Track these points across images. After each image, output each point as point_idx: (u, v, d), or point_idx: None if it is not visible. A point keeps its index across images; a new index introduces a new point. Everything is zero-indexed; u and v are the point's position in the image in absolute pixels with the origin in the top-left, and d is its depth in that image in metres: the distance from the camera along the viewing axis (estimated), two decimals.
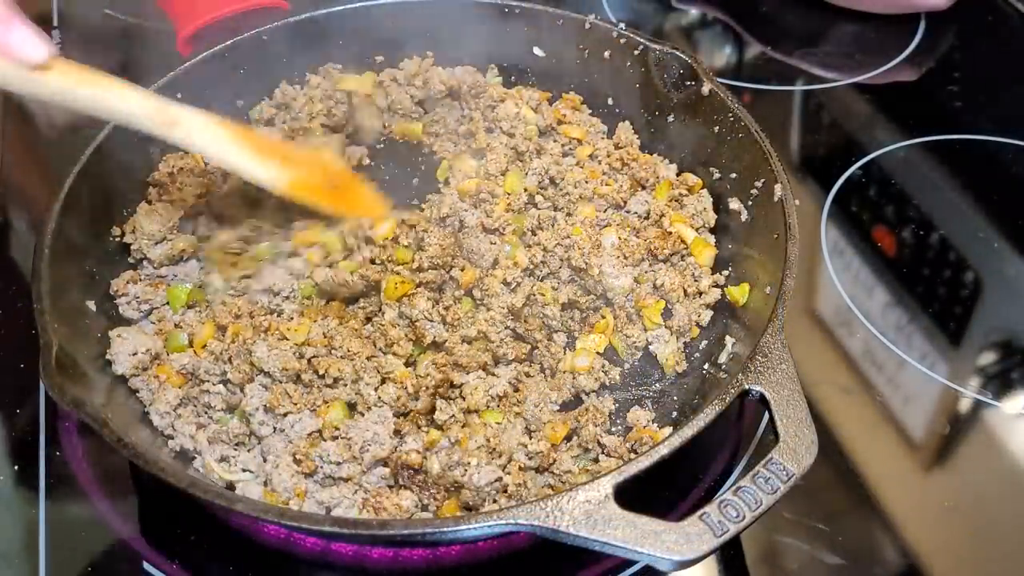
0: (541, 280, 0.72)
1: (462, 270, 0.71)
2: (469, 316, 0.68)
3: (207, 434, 0.62)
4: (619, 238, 0.74)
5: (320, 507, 0.59)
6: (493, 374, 0.66)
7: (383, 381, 0.65)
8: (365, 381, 0.64)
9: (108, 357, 0.64)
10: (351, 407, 0.64)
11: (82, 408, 0.54)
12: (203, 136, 0.64)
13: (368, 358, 0.66)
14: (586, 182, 0.79)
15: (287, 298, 0.70)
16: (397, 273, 0.70)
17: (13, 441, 0.67)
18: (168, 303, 0.71)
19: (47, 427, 0.67)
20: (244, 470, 0.62)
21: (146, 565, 0.61)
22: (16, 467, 0.66)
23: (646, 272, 0.73)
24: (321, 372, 0.65)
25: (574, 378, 0.68)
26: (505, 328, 0.68)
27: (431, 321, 0.67)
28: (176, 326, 0.69)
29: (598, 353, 0.69)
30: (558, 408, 0.66)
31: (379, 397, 0.64)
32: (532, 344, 0.69)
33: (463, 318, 0.68)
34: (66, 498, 0.64)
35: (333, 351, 0.66)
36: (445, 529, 0.51)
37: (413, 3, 0.87)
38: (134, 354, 0.64)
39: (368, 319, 0.69)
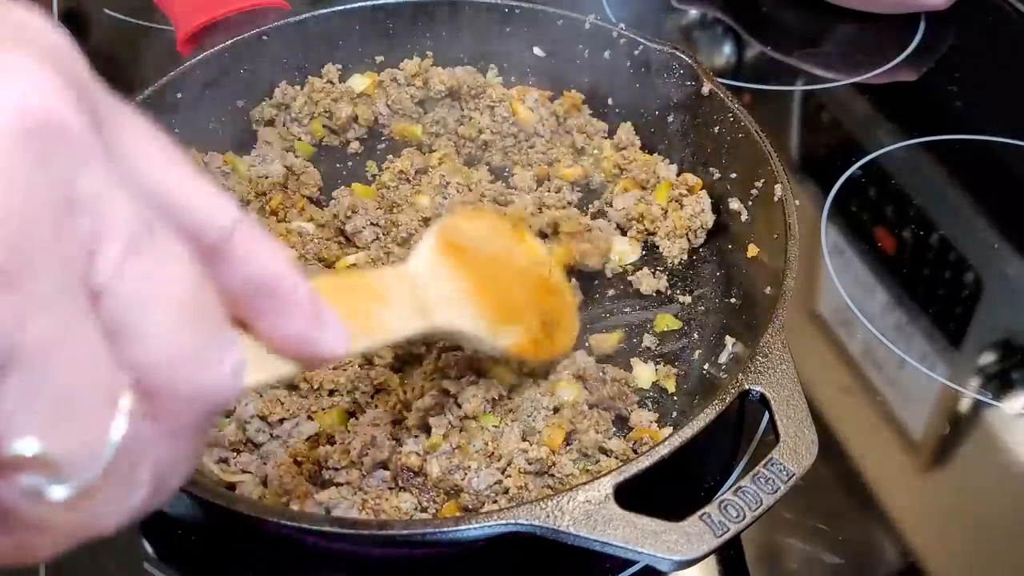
0: None
1: None
2: None
3: (205, 437, 0.62)
4: None
5: (320, 508, 0.59)
6: (488, 377, 0.66)
7: (376, 391, 0.65)
8: (361, 390, 0.64)
9: None
10: (350, 415, 0.64)
11: None
12: (453, 319, 0.53)
13: (360, 366, 0.66)
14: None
15: None
16: None
17: None
18: None
19: None
20: (244, 471, 0.62)
21: (146, 565, 0.61)
22: None
23: None
24: (315, 386, 0.64)
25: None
26: None
27: None
28: None
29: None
30: (552, 412, 0.65)
31: (375, 405, 0.64)
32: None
33: None
34: None
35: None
36: (445, 529, 0.51)
37: (413, 3, 0.87)
38: None
39: None
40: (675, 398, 0.68)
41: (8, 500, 0.24)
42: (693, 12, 1.12)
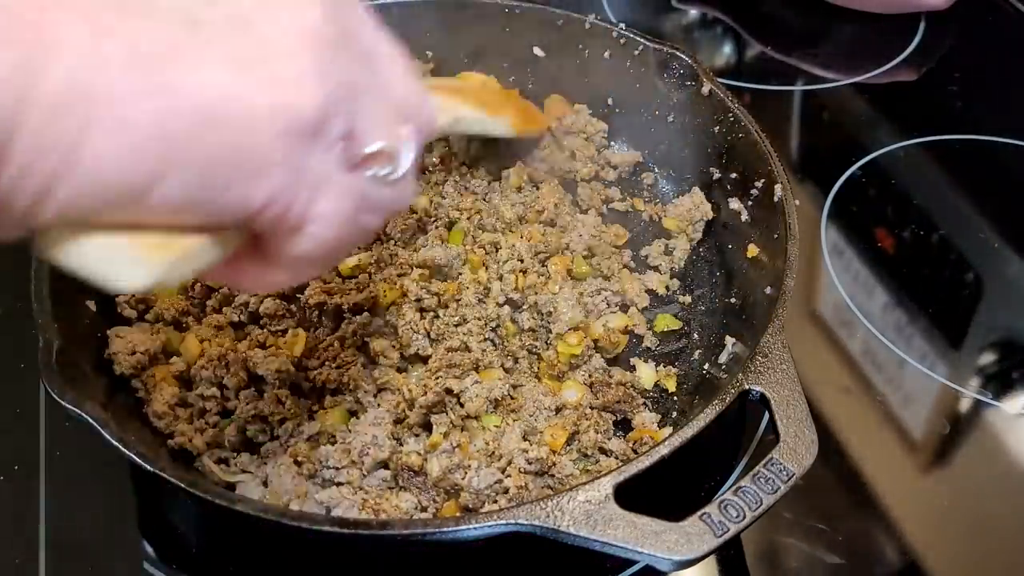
0: (500, 306, 0.70)
1: (443, 281, 0.70)
2: (452, 329, 0.68)
3: (205, 438, 0.62)
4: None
5: (320, 507, 0.59)
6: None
7: (379, 391, 0.65)
8: (364, 389, 0.64)
9: (107, 356, 0.64)
10: (352, 414, 0.64)
11: (82, 408, 0.54)
12: (463, 110, 0.69)
13: (363, 365, 0.66)
14: None
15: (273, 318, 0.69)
16: (384, 280, 0.69)
17: (13, 441, 0.67)
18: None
19: (47, 427, 0.67)
20: (243, 471, 0.62)
21: (146, 565, 0.61)
22: (16, 467, 0.66)
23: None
24: (318, 384, 0.64)
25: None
26: (485, 339, 0.68)
27: (416, 333, 0.67)
28: (173, 327, 0.69)
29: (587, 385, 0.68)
30: (554, 412, 0.65)
31: (378, 404, 0.64)
32: (514, 357, 0.68)
33: (446, 331, 0.67)
34: (66, 498, 0.64)
35: (327, 363, 0.66)
36: (445, 529, 0.51)
37: (413, 3, 0.87)
38: (133, 353, 0.64)
39: (354, 332, 0.68)
40: (675, 398, 0.68)
41: (364, 186, 0.41)
42: (693, 12, 1.12)
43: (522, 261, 0.72)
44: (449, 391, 0.64)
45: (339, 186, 0.40)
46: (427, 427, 0.64)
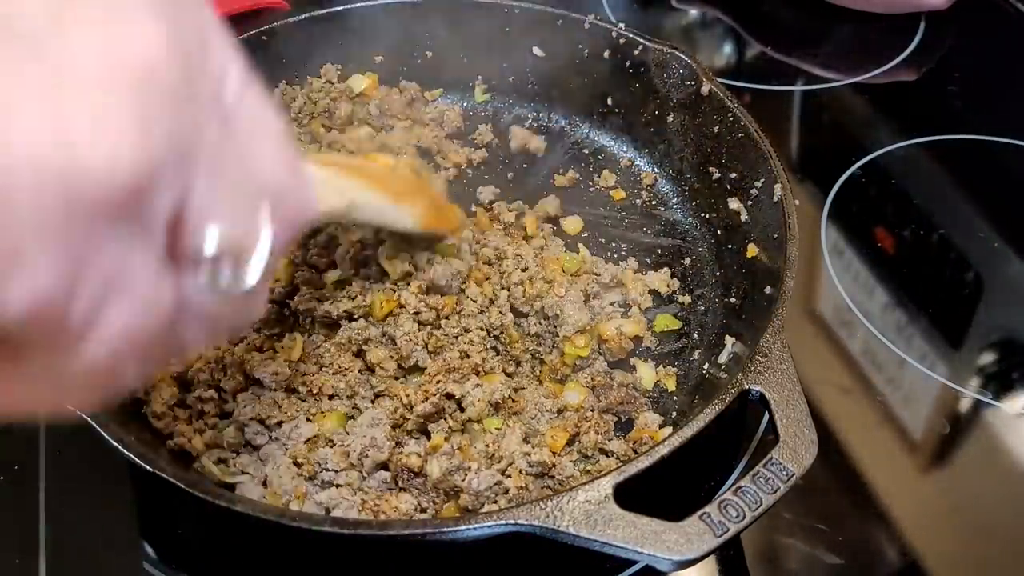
0: (504, 315, 0.69)
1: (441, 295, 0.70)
2: (451, 340, 0.67)
3: (204, 439, 0.62)
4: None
5: (319, 508, 0.59)
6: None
7: (377, 396, 0.65)
8: (361, 395, 0.64)
9: None
10: (349, 419, 0.64)
11: (82, 408, 0.54)
12: (365, 196, 0.58)
13: (360, 371, 0.65)
14: None
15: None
16: (380, 291, 0.68)
17: (13, 441, 0.67)
18: None
19: (47, 427, 0.67)
20: (243, 472, 0.62)
21: (146, 565, 0.61)
22: (16, 467, 0.66)
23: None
24: (315, 390, 0.64)
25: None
26: (486, 348, 0.68)
27: (416, 345, 0.66)
28: None
29: (590, 388, 0.68)
30: (556, 414, 0.65)
31: (376, 409, 0.64)
32: (516, 361, 0.68)
33: (445, 343, 0.67)
34: (66, 498, 0.64)
35: (324, 368, 0.65)
36: (445, 530, 0.51)
37: (413, 3, 0.87)
38: None
39: (350, 340, 0.67)
40: (675, 398, 0.68)
41: (187, 291, 0.28)
42: (693, 12, 1.12)
43: (526, 271, 0.71)
44: (450, 396, 0.63)
45: (146, 288, 0.26)
46: (425, 432, 0.63)
